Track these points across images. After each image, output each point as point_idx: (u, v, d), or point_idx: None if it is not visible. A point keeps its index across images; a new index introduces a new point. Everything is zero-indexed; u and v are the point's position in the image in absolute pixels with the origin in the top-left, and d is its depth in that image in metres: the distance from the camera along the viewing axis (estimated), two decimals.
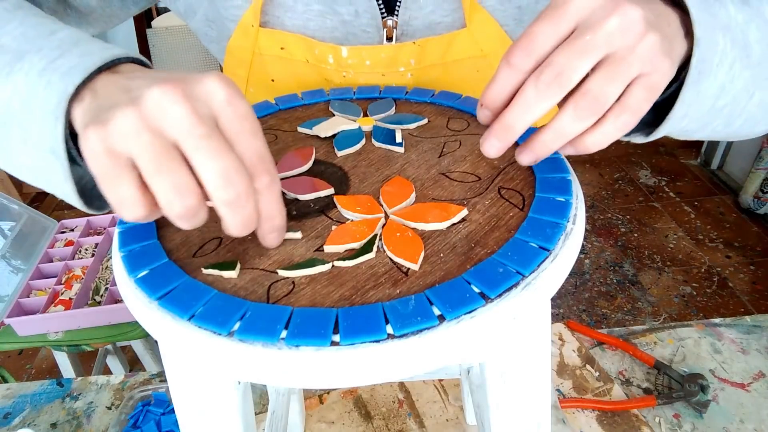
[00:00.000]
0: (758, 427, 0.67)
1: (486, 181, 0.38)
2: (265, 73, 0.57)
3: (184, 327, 0.28)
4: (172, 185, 0.26)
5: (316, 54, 0.53)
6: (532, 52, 0.31)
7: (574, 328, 0.82)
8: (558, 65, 0.30)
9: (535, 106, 0.31)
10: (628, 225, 2.38)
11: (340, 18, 0.52)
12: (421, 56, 0.53)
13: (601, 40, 0.30)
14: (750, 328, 0.81)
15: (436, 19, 0.52)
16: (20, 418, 0.73)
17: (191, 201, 0.27)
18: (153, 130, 0.26)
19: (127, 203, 0.27)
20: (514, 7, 0.52)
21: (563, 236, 0.32)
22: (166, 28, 3.14)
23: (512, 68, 0.32)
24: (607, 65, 0.30)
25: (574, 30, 0.31)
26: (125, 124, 0.26)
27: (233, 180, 0.27)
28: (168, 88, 0.26)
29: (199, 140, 0.26)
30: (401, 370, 0.27)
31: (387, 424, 0.70)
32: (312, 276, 0.31)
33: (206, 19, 0.57)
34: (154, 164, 0.26)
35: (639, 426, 0.68)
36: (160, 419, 0.69)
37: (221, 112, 0.28)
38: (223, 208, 0.27)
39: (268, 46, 0.54)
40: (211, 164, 0.26)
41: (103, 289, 1.20)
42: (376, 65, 0.53)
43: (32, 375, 1.84)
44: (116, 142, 0.26)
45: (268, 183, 0.29)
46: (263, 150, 0.29)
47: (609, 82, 0.30)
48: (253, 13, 0.52)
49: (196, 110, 0.27)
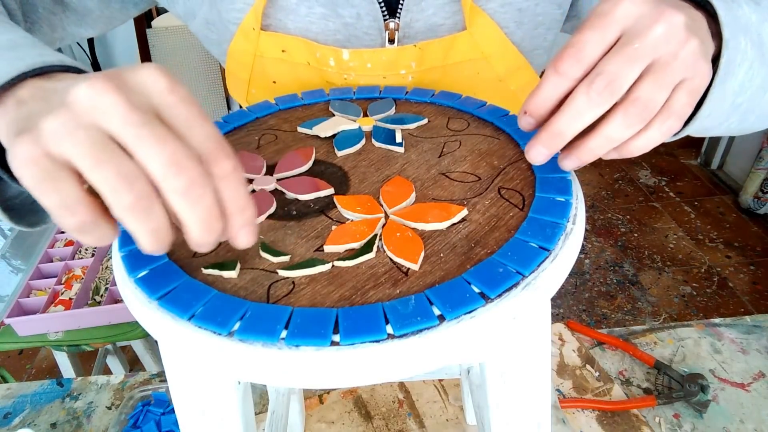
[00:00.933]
0: (758, 427, 0.67)
1: (486, 181, 0.38)
2: (266, 75, 0.57)
3: (184, 327, 0.28)
4: (116, 174, 0.24)
5: (318, 57, 0.53)
6: (581, 60, 0.31)
7: (574, 328, 0.82)
8: (610, 73, 0.30)
9: (586, 113, 0.31)
10: (628, 225, 2.37)
11: (342, 21, 0.52)
12: (422, 59, 0.53)
13: (648, 47, 0.30)
14: (750, 328, 0.81)
15: (437, 21, 0.52)
16: (20, 418, 0.73)
17: (141, 187, 0.24)
18: (86, 126, 0.24)
19: (68, 206, 0.24)
20: (514, 10, 0.52)
21: (563, 236, 0.32)
22: (166, 28, 3.14)
23: (561, 76, 0.32)
24: (653, 72, 0.31)
25: (620, 37, 0.31)
26: (56, 125, 0.24)
27: (183, 165, 0.24)
28: (96, 81, 0.24)
29: (137, 128, 0.24)
30: (401, 370, 0.27)
31: (387, 424, 0.70)
32: (312, 276, 0.31)
33: (206, 22, 0.57)
34: (91, 158, 0.24)
35: (639, 426, 0.68)
36: (160, 419, 0.69)
37: (163, 101, 0.26)
38: (178, 200, 0.25)
39: (269, 48, 0.54)
40: (155, 150, 0.24)
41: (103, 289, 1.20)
42: (377, 68, 0.53)
43: (32, 375, 1.84)
44: (49, 145, 0.24)
45: (230, 168, 0.26)
46: (217, 135, 0.27)
47: (657, 89, 0.31)
48: (254, 16, 0.52)
49: (129, 99, 0.24)
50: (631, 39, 0.31)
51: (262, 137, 0.46)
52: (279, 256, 0.32)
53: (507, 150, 0.41)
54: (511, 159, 0.40)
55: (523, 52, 0.55)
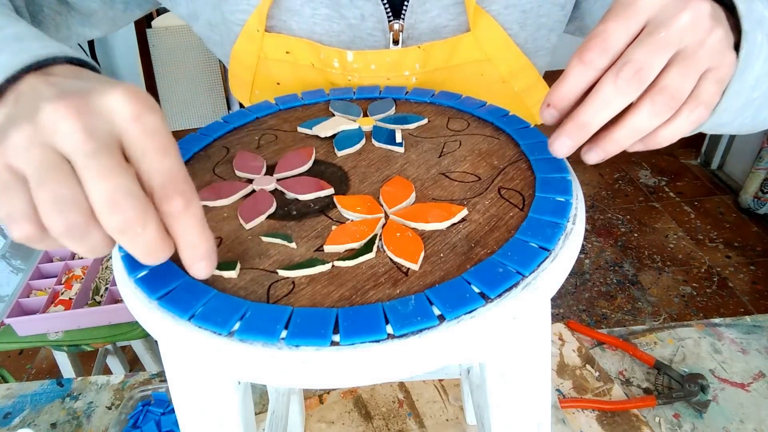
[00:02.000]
0: (758, 427, 0.67)
1: (486, 181, 0.38)
2: (270, 76, 0.57)
3: (184, 327, 0.28)
4: (53, 198, 0.24)
5: (322, 58, 0.53)
6: (607, 49, 0.31)
7: (574, 328, 0.82)
8: (637, 62, 0.30)
9: (613, 102, 0.31)
10: (628, 225, 2.37)
11: (347, 22, 0.52)
12: (426, 60, 0.53)
13: (674, 36, 0.30)
14: (750, 328, 0.81)
15: (441, 22, 0.52)
16: (20, 418, 0.73)
17: (73, 217, 0.24)
18: (42, 145, 0.24)
19: (14, 218, 0.25)
20: (518, 12, 0.52)
21: (563, 236, 0.32)
22: (166, 28, 3.14)
23: (586, 66, 0.31)
24: (680, 60, 0.31)
25: (645, 26, 0.31)
26: (18, 140, 0.24)
27: (120, 205, 0.24)
28: (62, 103, 0.25)
29: (86, 159, 0.24)
30: (401, 370, 0.27)
31: (387, 424, 0.70)
32: (312, 276, 0.31)
33: (209, 23, 0.57)
34: (36, 176, 0.24)
35: (639, 426, 0.68)
36: (160, 419, 0.69)
37: (124, 130, 0.25)
38: (115, 235, 0.25)
39: (273, 50, 0.54)
40: (96, 185, 0.24)
41: (103, 289, 1.20)
42: (381, 69, 0.53)
43: (32, 375, 1.84)
44: (9, 156, 0.25)
45: (182, 207, 0.26)
46: (175, 170, 0.26)
47: (684, 78, 0.31)
48: (258, 17, 0.52)
49: (87, 126, 0.24)
50: (657, 27, 0.30)
51: (262, 137, 0.46)
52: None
53: (507, 150, 0.41)
54: (511, 159, 0.40)
55: (527, 53, 0.55)
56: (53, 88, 0.27)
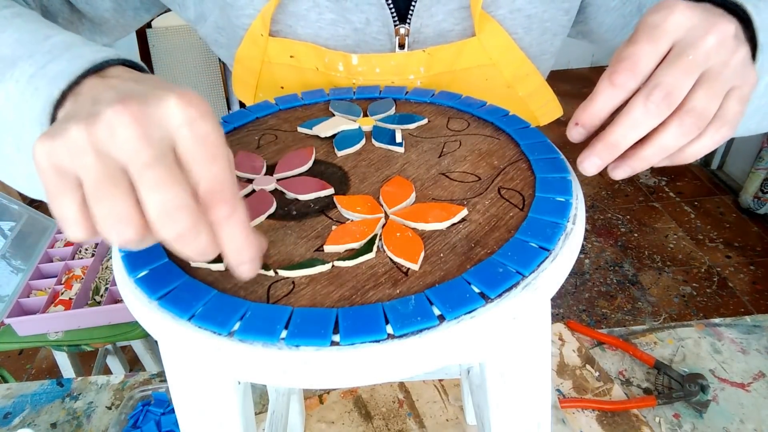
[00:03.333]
0: (758, 427, 0.67)
1: (486, 181, 0.38)
2: (274, 80, 0.57)
3: (184, 327, 0.28)
4: (109, 214, 0.25)
5: (326, 62, 0.53)
6: (637, 73, 0.32)
7: (574, 328, 0.82)
8: (667, 85, 0.31)
9: (642, 124, 0.32)
10: (628, 225, 2.37)
11: (352, 26, 0.52)
12: (431, 64, 0.53)
13: (701, 58, 0.31)
14: (750, 328, 0.81)
15: (447, 27, 0.53)
16: (20, 418, 0.73)
17: (128, 234, 0.25)
18: (100, 153, 0.25)
19: (68, 222, 0.26)
20: (523, 16, 0.53)
21: (563, 236, 0.32)
22: (166, 28, 3.14)
23: (617, 88, 0.32)
24: (706, 81, 0.32)
25: (672, 47, 0.32)
26: (72, 143, 0.25)
27: (174, 217, 0.25)
28: (120, 108, 0.25)
29: (142, 169, 0.25)
30: (401, 370, 0.27)
31: (387, 424, 0.70)
32: (312, 276, 0.31)
33: (216, 26, 0.57)
34: (93, 189, 0.25)
35: (639, 426, 0.68)
36: (160, 419, 0.69)
37: (177, 135, 0.26)
38: (170, 243, 0.26)
39: (277, 54, 0.54)
40: (152, 197, 0.25)
41: (103, 289, 1.20)
42: (386, 73, 0.53)
43: (32, 375, 1.84)
44: (62, 159, 0.25)
45: (226, 214, 0.26)
46: (222, 177, 0.27)
47: (710, 99, 0.31)
48: (262, 22, 0.52)
49: (145, 134, 0.25)
50: (684, 50, 0.31)
51: (262, 137, 0.46)
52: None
53: (507, 150, 0.41)
54: (511, 159, 0.40)
55: (531, 57, 0.55)
56: (111, 91, 0.28)
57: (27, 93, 0.31)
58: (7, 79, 0.32)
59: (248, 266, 0.28)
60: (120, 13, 0.56)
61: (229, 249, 0.27)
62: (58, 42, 0.33)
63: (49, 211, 0.27)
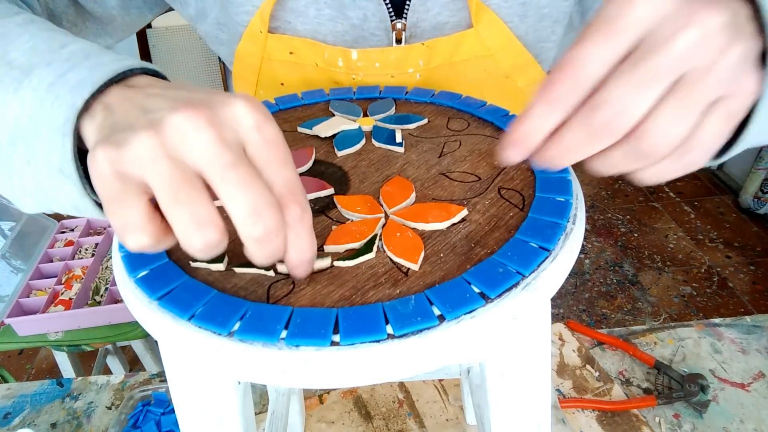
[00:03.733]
0: (758, 427, 0.67)
1: (486, 181, 0.38)
2: (274, 77, 0.57)
3: (184, 327, 0.28)
4: (192, 217, 0.24)
5: (326, 57, 0.53)
6: (579, 83, 0.25)
7: (574, 328, 0.82)
8: (615, 104, 0.24)
9: (582, 151, 0.26)
10: (628, 225, 2.38)
11: (350, 22, 0.52)
12: (430, 57, 0.53)
13: (671, 62, 0.23)
14: (750, 328, 0.81)
15: (443, 20, 0.52)
16: (20, 418, 0.73)
17: (212, 235, 0.24)
18: (173, 158, 0.24)
19: (132, 230, 0.25)
20: (518, 4, 0.52)
21: (563, 236, 0.32)
22: (166, 28, 3.14)
23: (552, 105, 0.26)
24: (678, 92, 0.24)
25: (636, 46, 0.24)
26: (142, 150, 0.24)
27: (263, 215, 0.25)
28: (191, 113, 0.24)
29: (225, 170, 0.24)
30: (401, 370, 0.27)
31: (387, 424, 0.70)
32: (312, 276, 0.31)
33: (217, 22, 0.57)
34: (172, 194, 0.24)
35: (639, 426, 0.68)
36: (160, 419, 0.69)
37: (249, 139, 0.26)
38: (252, 244, 0.25)
39: (277, 51, 0.54)
40: (240, 197, 0.24)
41: (103, 289, 1.20)
42: (386, 67, 0.53)
43: (32, 375, 1.84)
44: (129, 166, 0.24)
45: (299, 216, 0.26)
46: (293, 179, 0.27)
47: (678, 119, 0.24)
48: (261, 19, 0.52)
49: (222, 137, 0.24)
50: (649, 51, 0.24)
51: None
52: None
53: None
54: None
55: (529, 46, 0.54)
56: (159, 99, 0.27)
57: (47, 102, 0.29)
58: (24, 87, 0.30)
59: (306, 267, 0.28)
60: (125, 10, 0.56)
61: (295, 249, 0.27)
62: (75, 50, 0.32)
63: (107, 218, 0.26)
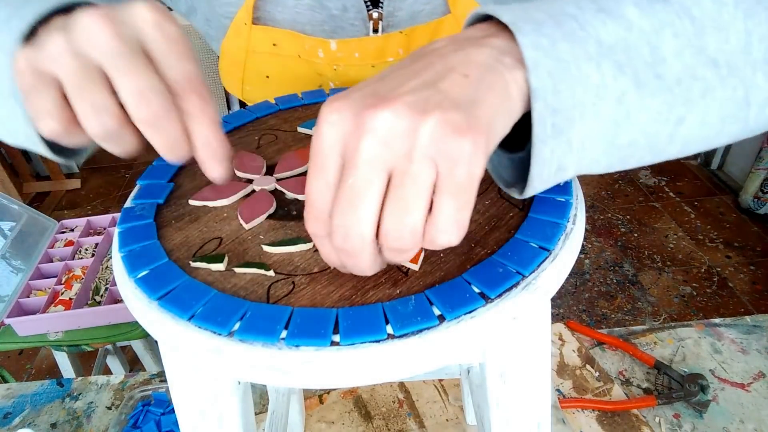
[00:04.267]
0: (758, 427, 0.67)
1: (486, 181, 0.38)
2: (259, 70, 0.58)
3: (184, 327, 0.28)
4: (91, 105, 0.27)
5: (307, 48, 0.54)
6: (318, 217, 0.26)
7: (574, 328, 0.82)
8: (340, 228, 0.25)
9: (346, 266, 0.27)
10: (628, 225, 2.38)
11: (329, 12, 0.53)
12: (409, 45, 0.53)
13: (366, 174, 0.24)
14: (750, 328, 0.81)
15: (418, 8, 0.53)
16: (20, 418, 0.73)
17: (108, 121, 0.28)
18: (77, 54, 0.27)
19: (43, 116, 0.28)
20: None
21: (563, 236, 0.32)
22: None
23: (315, 237, 0.27)
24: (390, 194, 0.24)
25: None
26: (53, 47, 0.28)
27: (149, 98, 0.27)
28: (95, 15, 0.27)
29: (117, 59, 0.27)
30: (401, 370, 0.27)
31: (387, 424, 0.70)
32: (312, 276, 0.31)
33: (205, 18, 0.57)
34: (75, 85, 0.27)
35: (639, 426, 0.68)
36: (160, 419, 0.69)
37: (147, 35, 0.28)
38: (143, 127, 0.28)
39: (260, 43, 0.55)
40: (127, 82, 0.27)
41: (103, 289, 1.20)
42: (365, 57, 0.54)
43: (32, 375, 1.84)
44: (42, 63, 0.28)
45: (198, 106, 0.29)
46: (193, 72, 0.29)
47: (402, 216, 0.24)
48: (246, 11, 0.53)
49: (119, 34, 0.27)
50: (346, 173, 0.24)
51: (262, 137, 0.46)
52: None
53: None
54: None
55: None
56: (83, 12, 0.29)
57: (2, 33, 0.32)
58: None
59: (219, 166, 0.30)
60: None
61: (200, 143, 0.29)
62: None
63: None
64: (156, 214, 0.37)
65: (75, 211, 2.69)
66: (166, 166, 0.42)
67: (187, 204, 0.38)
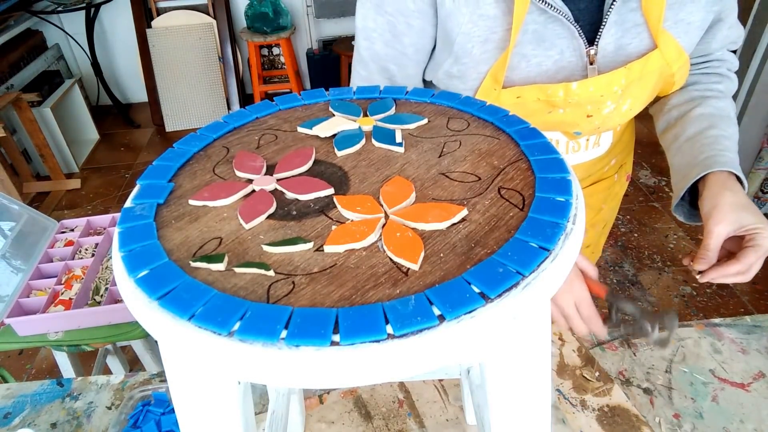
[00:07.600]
0: (758, 427, 0.67)
1: (486, 181, 0.38)
2: None
3: (184, 327, 0.28)
4: None
5: (548, 93, 0.66)
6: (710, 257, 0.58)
7: None
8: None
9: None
10: (628, 225, 2.37)
11: (552, 59, 0.65)
12: (629, 76, 0.66)
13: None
14: (750, 328, 0.81)
15: (625, 42, 0.65)
16: (20, 418, 0.73)
17: None
18: None
19: None
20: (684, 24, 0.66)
21: (563, 236, 0.32)
22: (166, 28, 3.14)
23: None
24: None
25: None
26: None
27: None
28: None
29: None
30: (401, 370, 0.27)
31: (387, 424, 0.70)
32: (312, 276, 0.31)
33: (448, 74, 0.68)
34: None
35: (639, 426, 0.68)
36: (160, 419, 0.69)
37: None
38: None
39: (506, 98, 0.67)
40: None
41: (103, 289, 1.20)
42: (598, 89, 0.66)
43: (32, 375, 1.84)
44: None
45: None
46: None
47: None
48: (494, 80, 0.65)
49: None
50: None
51: (262, 137, 0.46)
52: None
53: (507, 150, 0.41)
54: (511, 159, 0.40)
55: (685, 50, 0.70)
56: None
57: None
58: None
59: None
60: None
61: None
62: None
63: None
64: (156, 214, 0.37)
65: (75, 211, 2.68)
66: (166, 166, 0.42)
67: (187, 204, 0.38)
